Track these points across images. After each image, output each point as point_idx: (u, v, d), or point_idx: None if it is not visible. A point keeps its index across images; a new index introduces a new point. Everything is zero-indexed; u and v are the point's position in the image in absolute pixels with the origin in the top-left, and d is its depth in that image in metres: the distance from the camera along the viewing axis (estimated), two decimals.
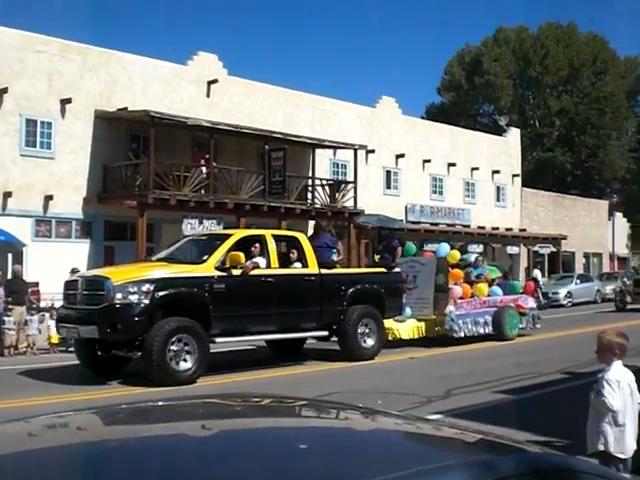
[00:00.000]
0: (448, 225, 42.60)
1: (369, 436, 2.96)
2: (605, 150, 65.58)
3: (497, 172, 47.96)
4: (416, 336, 19.79)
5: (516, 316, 21.93)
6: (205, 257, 15.08)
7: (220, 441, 2.78)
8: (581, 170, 66.96)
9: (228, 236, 16.08)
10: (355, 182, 34.51)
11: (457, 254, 21.98)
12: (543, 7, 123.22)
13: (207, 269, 14.69)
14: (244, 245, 15.62)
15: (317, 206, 33.23)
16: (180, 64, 32.04)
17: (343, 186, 35.07)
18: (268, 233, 16.59)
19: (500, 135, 51.44)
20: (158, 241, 28.55)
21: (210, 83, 32.40)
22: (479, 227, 44.61)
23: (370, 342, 17.29)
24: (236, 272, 14.86)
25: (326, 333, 16.97)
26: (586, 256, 56.55)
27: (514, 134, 51.48)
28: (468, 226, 44.04)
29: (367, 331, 17.26)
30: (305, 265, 16.47)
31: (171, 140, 29.26)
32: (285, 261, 16.59)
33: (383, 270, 18.83)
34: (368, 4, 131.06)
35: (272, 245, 15.96)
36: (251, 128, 31.01)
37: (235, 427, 3.09)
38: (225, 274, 14.78)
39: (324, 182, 34.62)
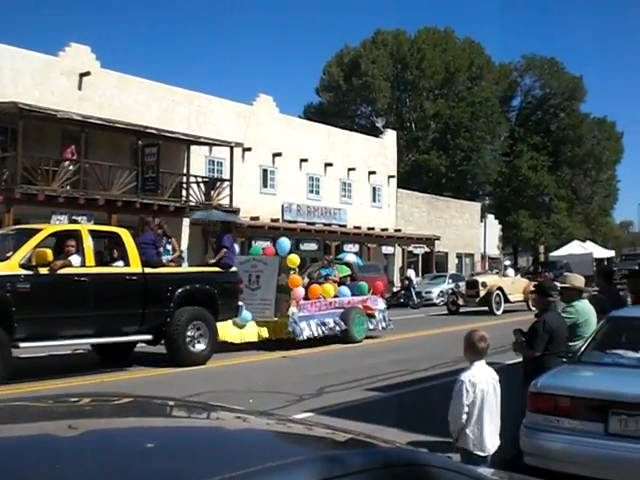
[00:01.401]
0: (324, 225, 42.74)
1: (220, 434, 2.92)
2: (478, 154, 67.14)
3: (373, 173, 48.46)
4: (257, 339, 18.63)
5: (364, 317, 21.09)
6: (9, 254, 13.61)
7: (60, 440, 2.68)
8: (455, 173, 68.39)
9: (37, 231, 14.36)
10: (231, 180, 34.26)
11: (296, 259, 20.17)
12: (421, 11, 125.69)
13: (10, 267, 13.18)
14: (60, 241, 14.53)
15: (192, 204, 32.77)
16: (51, 55, 30.96)
17: (219, 184, 34.76)
18: (84, 228, 15.11)
19: (377, 136, 51.98)
20: None
21: (82, 75, 31.42)
22: (355, 227, 44.92)
23: (200, 346, 16.03)
24: (43, 271, 13.40)
25: (150, 337, 15.53)
26: (459, 256, 57.82)
27: (390, 136, 52.11)
28: (344, 226, 44.29)
29: (197, 335, 15.98)
30: (127, 264, 15.01)
31: (40, 133, 28.24)
32: (105, 259, 15.49)
33: (217, 269, 17.35)
34: (248, 2, 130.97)
35: (88, 242, 14.41)
36: (124, 123, 30.37)
37: (81, 426, 2.97)
38: (31, 273, 13.30)
39: (199, 179, 34.25)
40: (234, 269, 17.87)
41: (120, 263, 15.05)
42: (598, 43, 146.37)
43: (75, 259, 14.16)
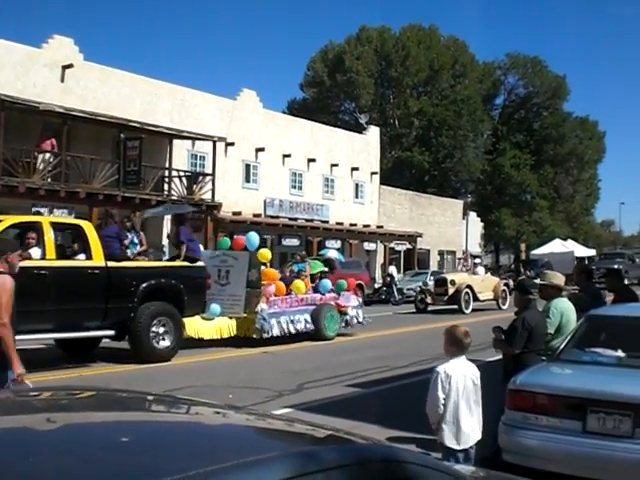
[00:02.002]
0: (307, 220, 42.66)
1: (194, 429, 2.91)
2: (461, 151, 67.18)
3: (356, 169, 48.44)
4: (226, 335, 18.16)
5: (336, 315, 20.68)
6: None
7: (33, 434, 2.66)
8: (438, 170, 68.41)
9: None
10: (213, 174, 34.16)
11: (267, 253, 19.93)
12: (405, 9, 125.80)
13: None
14: (22, 233, 14.09)
15: (174, 197, 32.65)
16: (34, 47, 30.71)
17: (201, 178, 34.66)
18: (46, 220, 14.70)
19: (360, 133, 51.96)
20: None
21: (65, 68, 31.17)
22: (337, 223, 44.88)
23: (165, 343, 15.59)
24: None
25: (112, 332, 15.12)
26: (441, 253, 57.90)
27: (374, 132, 52.11)
28: (327, 222, 44.22)
29: (162, 331, 15.55)
30: (89, 257, 14.58)
31: (22, 125, 27.97)
32: (66, 252, 15.02)
33: (183, 264, 16.97)
34: None
35: (50, 234, 14.01)
36: (106, 116, 30.22)
37: (55, 420, 2.95)
38: None
39: (181, 173, 34.10)
40: (201, 263, 17.50)
41: (82, 256, 14.67)
42: (581, 42, 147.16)
43: (35, 252, 13.77)
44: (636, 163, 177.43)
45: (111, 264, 14.79)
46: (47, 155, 28.41)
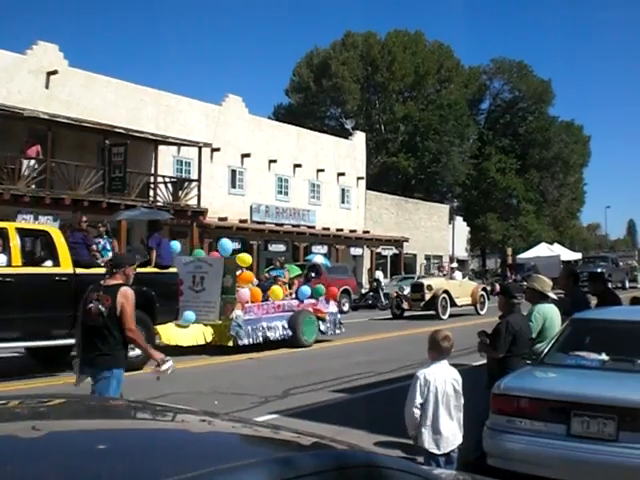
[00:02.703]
0: (293, 226, 42.69)
1: (173, 436, 2.91)
2: (447, 156, 67.23)
3: (342, 174, 48.50)
4: (201, 342, 17.87)
5: (314, 321, 20.33)
6: None
7: (12, 441, 2.63)
8: (424, 175, 68.47)
9: None
10: (199, 180, 34.12)
11: (248, 258, 19.43)
12: (391, 14, 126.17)
13: None
14: None
15: (159, 204, 32.58)
16: (19, 53, 30.66)
17: (187, 184, 34.59)
18: (11, 226, 14.40)
19: (346, 138, 52.01)
20: None
21: (50, 74, 31.15)
22: (324, 228, 44.88)
23: (136, 351, 14.52)
24: None
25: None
26: (427, 258, 58.00)
27: (360, 137, 52.19)
28: (313, 227, 44.25)
29: None
30: (57, 264, 14.21)
31: (7, 132, 27.85)
32: (34, 259, 14.92)
33: (154, 270, 16.40)
34: (219, 3, 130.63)
35: (16, 240, 13.74)
36: (91, 122, 30.17)
37: (33, 427, 2.94)
38: None
39: (167, 179, 34.06)
40: (173, 269, 17.13)
41: (49, 263, 14.36)
42: (566, 47, 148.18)
43: (1, 258, 13.65)
44: (621, 167, 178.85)
45: (79, 271, 14.35)
46: (32, 162, 28.29)
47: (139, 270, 16.44)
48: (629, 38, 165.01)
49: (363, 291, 39.80)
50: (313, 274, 32.09)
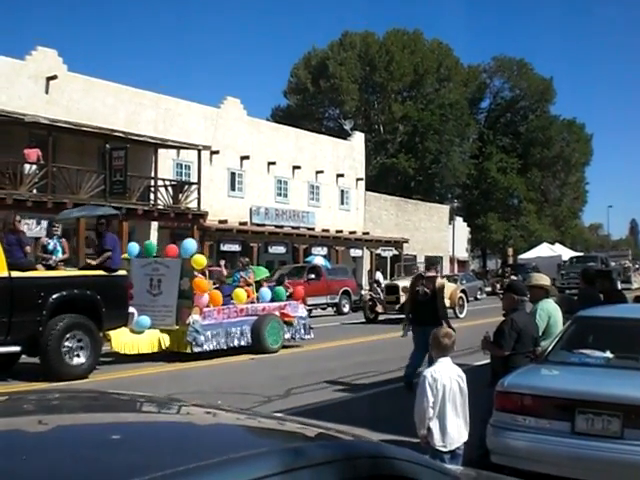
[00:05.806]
0: (293, 228, 42.69)
1: (184, 428, 2.95)
2: (447, 156, 67.06)
3: (341, 176, 48.49)
4: (157, 349, 16.73)
5: (280, 326, 18.99)
6: None
7: (24, 434, 2.69)
8: (424, 175, 68.37)
9: None
10: (199, 183, 34.17)
11: (202, 260, 17.94)
12: (389, 13, 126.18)
13: None
14: None
15: (160, 207, 32.61)
16: (18, 59, 30.76)
17: (186, 187, 34.66)
18: None
19: (345, 139, 52.01)
20: None
21: (49, 79, 31.27)
22: (323, 230, 44.87)
23: (80, 360, 14.25)
24: None
25: (18, 348, 13.73)
26: (427, 259, 57.83)
27: (358, 138, 52.15)
28: (312, 229, 44.24)
29: (76, 346, 14.16)
30: None
31: (8, 137, 27.97)
32: None
33: (100, 273, 15.29)
34: (216, 5, 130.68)
35: None
36: (91, 126, 30.22)
37: (45, 421, 2.96)
38: None
39: (167, 183, 34.09)
40: (122, 272, 16.06)
41: None
42: (567, 45, 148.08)
43: None
44: (624, 166, 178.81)
45: (15, 274, 13.43)
46: (33, 167, 28.35)
47: (83, 273, 15.76)
48: (632, 36, 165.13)
49: (363, 292, 39.71)
50: (313, 275, 32.11)
